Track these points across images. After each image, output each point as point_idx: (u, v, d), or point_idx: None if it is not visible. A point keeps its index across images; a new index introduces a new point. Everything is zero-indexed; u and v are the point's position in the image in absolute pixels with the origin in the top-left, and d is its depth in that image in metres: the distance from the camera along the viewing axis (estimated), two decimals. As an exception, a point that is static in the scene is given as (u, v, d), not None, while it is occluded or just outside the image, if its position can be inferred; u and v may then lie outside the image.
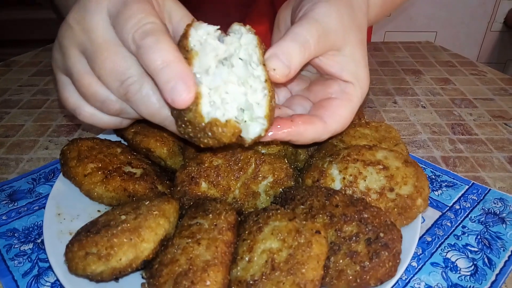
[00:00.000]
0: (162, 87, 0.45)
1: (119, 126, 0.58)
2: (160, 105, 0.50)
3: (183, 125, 0.49)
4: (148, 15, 0.48)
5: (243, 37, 0.52)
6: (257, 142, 0.55)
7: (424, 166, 0.84)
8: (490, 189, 0.78)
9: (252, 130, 0.51)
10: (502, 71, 1.31)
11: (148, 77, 0.49)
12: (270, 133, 0.54)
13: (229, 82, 0.49)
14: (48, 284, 0.60)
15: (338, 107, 0.59)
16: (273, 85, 0.53)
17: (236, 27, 0.54)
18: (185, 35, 0.49)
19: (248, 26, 0.54)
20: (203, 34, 0.50)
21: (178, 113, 0.49)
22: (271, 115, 0.52)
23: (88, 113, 0.55)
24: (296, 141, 0.57)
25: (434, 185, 0.80)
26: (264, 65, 0.51)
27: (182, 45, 0.49)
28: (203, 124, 0.47)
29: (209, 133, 0.47)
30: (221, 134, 0.47)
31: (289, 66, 0.51)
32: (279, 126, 0.55)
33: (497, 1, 2.56)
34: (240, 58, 0.52)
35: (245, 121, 0.51)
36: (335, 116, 0.58)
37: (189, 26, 0.50)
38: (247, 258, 0.51)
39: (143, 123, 0.75)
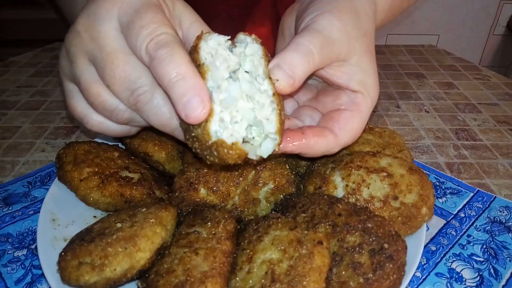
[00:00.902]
0: (176, 101, 0.43)
1: (127, 134, 0.57)
2: (171, 115, 0.49)
3: (191, 139, 0.47)
4: (161, 25, 0.46)
5: (248, 47, 0.50)
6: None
7: (428, 172, 0.82)
8: (495, 197, 0.76)
9: (265, 147, 0.49)
10: (504, 75, 1.29)
11: (159, 87, 0.47)
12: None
13: (239, 99, 0.47)
14: (42, 292, 0.59)
15: (348, 119, 0.57)
16: (281, 96, 0.51)
17: (241, 36, 0.52)
18: (195, 49, 0.47)
19: (253, 36, 0.52)
20: (214, 45, 0.48)
21: (186, 127, 0.47)
22: (282, 129, 0.50)
23: (96, 121, 0.53)
24: (306, 154, 0.56)
25: (438, 192, 0.78)
26: (270, 78, 0.49)
27: (193, 58, 0.47)
28: (210, 142, 0.45)
29: (215, 153, 0.46)
30: (227, 155, 0.46)
31: (293, 77, 0.49)
32: (288, 139, 0.53)
33: (500, 5, 2.54)
34: (246, 71, 0.49)
35: (254, 138, 0.48)
36: (346, 128, 0.57)
37: (199, 38, 0.48)
38: (246, 269, 0.49)
39: (150, 130, 0.73)
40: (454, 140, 0.96)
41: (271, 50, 0.54)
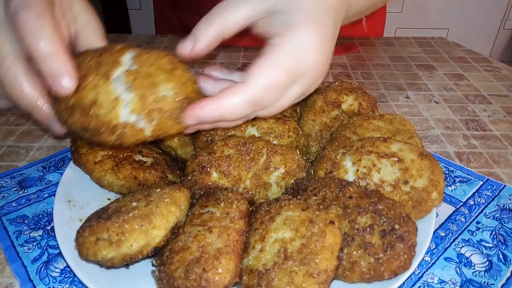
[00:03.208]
0: (47, 77, 0.48)
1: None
2: (29, 89, 0.50)
3: (84, 118, 0.50)
4: None
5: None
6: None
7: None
8: (505, 186, 0.77)
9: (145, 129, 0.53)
10: (516, 69, 1.28)
11: (21, 60, 0.50)
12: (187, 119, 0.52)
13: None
14: (58, 270, 0.60)
15: (260, 62, 0.51)
16: (140, 80, 0.52)
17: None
18: (116, 56, 0.52)
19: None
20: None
21: (79, 103, 0.50)
22: (145, 107, 0.52)
23: None
24: (222, 116, 0.51)
25: (448, 180, 0.78)
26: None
27: (108, 57, 0.52)
28: (115, 123, 0.50)
29: (117, 133, 0.51)
30: (131, 137, 0.51)
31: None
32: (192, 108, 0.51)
33: (510, -1, 2.52)
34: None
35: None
36: (255, 71, 0.50)
37: (126, 49, 0.53)
38: (259, 247, 0.50)
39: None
40: (463, 130, 0.96)
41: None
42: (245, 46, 1.34)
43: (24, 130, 0.96)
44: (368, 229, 0.51)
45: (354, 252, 0.50)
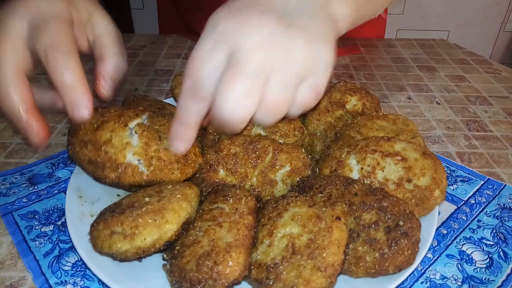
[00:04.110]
0: (67, 104, 0.56)
1: None
2: (14, 95, 0.56)
3: (94, 152, 0.59)
4: (63, 35, 0.56)
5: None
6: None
7: (439, 160, 0.84)
8: (505, 185, 0.78)
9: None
10: (516, 71, 1.30)
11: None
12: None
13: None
14: (69, 264, 0.62)
15: None
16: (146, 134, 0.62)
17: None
18: (135, 116, 0.64)
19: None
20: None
21: (94, 139, 0.60)
22: (145, 152, 0.60)
23: None
24: (183, 120, 0.57)
25: (449, 179, 0.80)
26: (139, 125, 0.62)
27: (128, 114, 0.63)
28: (121, 161, 0.59)
29: (119, 170, 0.59)
30: (130, 177, 0.59)
31: None
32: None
33: (511, 1, 2.54)
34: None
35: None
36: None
37: (143, 112, 0.65)
38: (267, 242, 0.52)
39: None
40: (465, 131, 0.98)
41: None
42: None
43: (32, 127, 0.97)
44: (373, 225, 0.53)
45: (360, 248, 0.52)
